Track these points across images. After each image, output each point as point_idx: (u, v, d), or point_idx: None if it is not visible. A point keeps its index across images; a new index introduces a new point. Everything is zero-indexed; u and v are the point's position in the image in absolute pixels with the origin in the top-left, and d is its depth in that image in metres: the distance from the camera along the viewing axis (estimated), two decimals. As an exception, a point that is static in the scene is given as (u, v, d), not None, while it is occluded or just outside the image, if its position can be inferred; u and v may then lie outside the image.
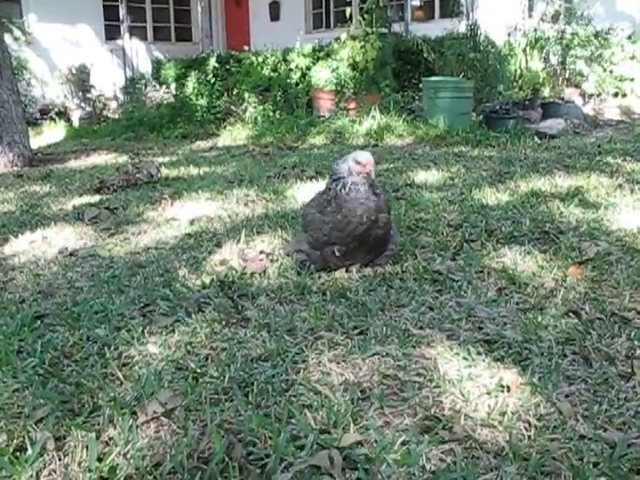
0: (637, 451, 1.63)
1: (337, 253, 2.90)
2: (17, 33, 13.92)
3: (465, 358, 2.14)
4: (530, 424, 1.77)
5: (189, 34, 18.26)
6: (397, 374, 2.06)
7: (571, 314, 2.46)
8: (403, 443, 1.70)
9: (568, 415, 1.80)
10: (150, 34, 17.24)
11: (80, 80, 13.92)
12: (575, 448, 1.65)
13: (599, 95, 10.52)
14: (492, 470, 1.60)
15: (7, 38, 9.69)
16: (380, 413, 1.86)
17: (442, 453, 1.67)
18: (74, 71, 13.94)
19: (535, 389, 1.93)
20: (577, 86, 10.73)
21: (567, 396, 1.91)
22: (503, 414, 1.81)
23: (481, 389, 1.95)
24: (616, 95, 10.56)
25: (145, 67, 15.57)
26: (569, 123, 8.52)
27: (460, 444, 1.70)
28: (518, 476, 1.57)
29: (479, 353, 2.16)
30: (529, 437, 1.72)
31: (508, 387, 1.94)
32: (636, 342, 2.21)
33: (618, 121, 9.53)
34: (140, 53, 16.14)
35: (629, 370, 2.03)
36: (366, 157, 2.86)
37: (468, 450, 1.68)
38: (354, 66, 10.28)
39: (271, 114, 10.52)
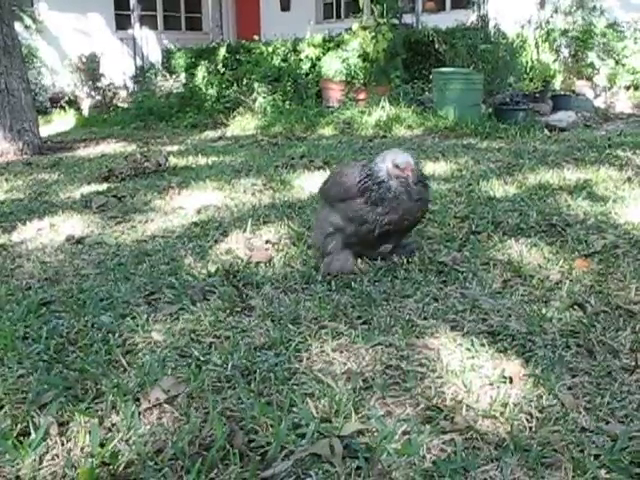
0: (639, 444, 1.62)
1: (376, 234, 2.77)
2: (28, 21, 13.94)
3: (468, 349, 2.13)
4: (532, 416, 1.77)
5: (199, 23, 18.26)
6: (400, 364, 2.06)
7: (576, 307, 2.45)
8: (404, 433, 1.70)
9: (570, 407, 1.80)
10: (160, 23, 17.25)
11: (90, 69, 13.91)
12: (576, 440, 1.65)
13: (611, 88, 10.45)
14: (492, 461, 1.60)
15: (17, 26, 9.70)
16: (382, 403, 1.86)
17: (443, 443, 1.67)
18: (84, 60, 13.92)
19: (538, 381, 1.93)
20: (588, 79, 10.66)
21: (570, 388, 1.90)
22: (505, 405, 1.80)
23: (483, 380, 1.95)
24: (628, 88, 10.48)
25: (155, 56, 15.57)
26: (580, 116, 8.47)
27: (461, 435, 1.70)
28: (518, 467, 1.57)
29: (482, 344, 2.16)
30: (530, 429, 1.72)
31: (511, 378, 1.94)
32: (640, 335, 2.20)
33: (630, 114, 9.46)
34: (150, 42, 16.12)
35: (633, 363, 2.02)
36: (405, 160, 2.69)
37: (469, 441, 1.68)
38: (364, 57, 10.23)
39: (280, 104, 10.49)
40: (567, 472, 1.55)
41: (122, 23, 16.02)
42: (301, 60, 11.35)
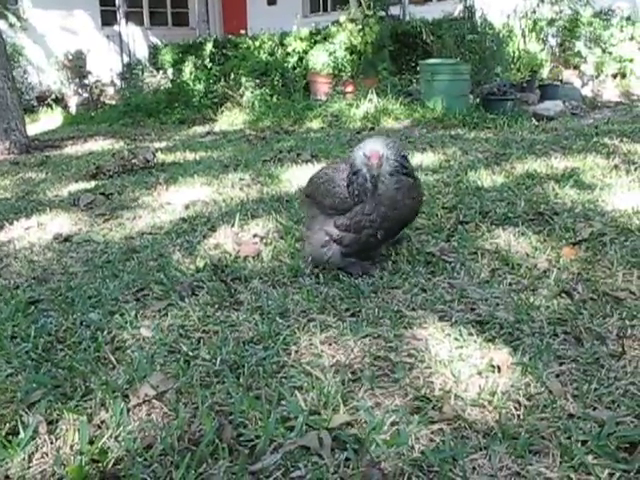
0: (625, 429, 1.63)
1: (379, 237, 2.70)
2: (12, 19, 13.83)
3: (456, 339, 2.14)
4: (520, 404, 1.78)
5: (186, 19, 18.19)
6: (388, 355, 2.07)
7: (564, 294, 2.46)
8: (393, 424, 1.71)
9: (558, 394, 1.81)
10: (146, 19, 17.18)
11: (77, 66, 13.85)
12: (564, 427, 1.66)
13: (598, 76, 10.47)
14: (481, 449, 1.60)
15: (1, 24, 9.65)
16: (370, 394, 1.86)
17: (432, 433, 1.67)
18: (70, 57, 13.86)
19: (526, 369, 1.93)
20: (576, 67, 10.68)
21: (557, 376, 1.91)
22: (493, 394, 1.81)
23: (472, 369, 1.96)
24: (615, 76, 10.51)
25: (142, 52, 15.51)
26: (567, 105, 8.48)
27: (450, 424, 1.70)
28: (507, 455, 1.57)
29: (471, 334, 2.16)
30: (518, 416, 1.72)
31: (499, 367, 1.95)
32: (627, 321, 2.21)
33: (617, 102, 9.49)
34: (137, 38, 16.07)
35: (620, 349, 2.03)
36: (371, 148, 2.60)
37: (457, 430, 1.68)
38: (352, 49, 10.22)
39: (268, 98, 10.48)
40: (555, 458, 1.56)
41: (108, 19, 15.96)
42: (288, 54, 11.34)
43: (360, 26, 10.11)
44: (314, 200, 2.85)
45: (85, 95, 13.73)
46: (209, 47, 12.60)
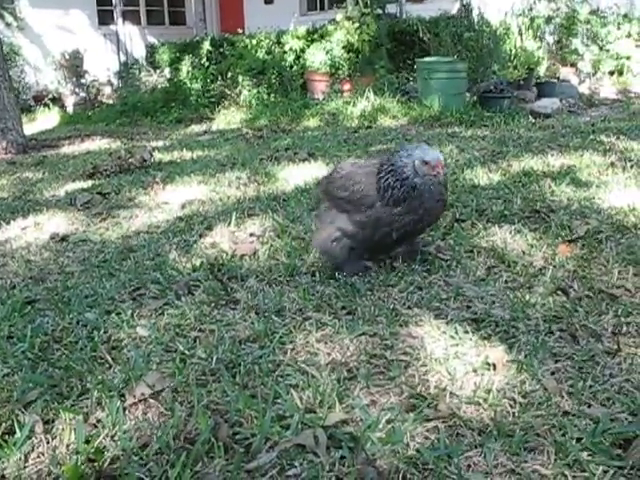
0: (620, 425, 1.64)
1: (394, 236, 2.63)
2: (9, 19, 13.83)
3: (452, 337, 2.14)
4: (515, 401, 1.78)
5: (183, 18, 18.15)
6: (384, 353, 2.07)
7: (559, 292, 2.46)
8: (388, 421, 1.71)
9: (553, 392, 1.81)
10: (143, 18, 17.13)
11: (74, 66, 13.83)
12: (559, 424, 1.66)
13: (595, 74, 10.49)
14: (476, 447, 1.61)
15: (-2, 24, 9.63)
16: (366, 392, 1.86)
17: (427, 431, 1.68)
18: (67, 57, 13.84)
19: (521, 366, 1.94)
20: (573, 65, 10.69)
21: (553, 373, 1.92)
22: (488, 392, 1.81)
23: (467, 367, 1.96)
24: (612, 73, 10.53)
25: (139, 52, 15.48)
26: (564, 102, 8.50)
27: (445, 422, 1.71)
28: (502, 452, 1.58)
29: (466, 332, 2.16)
30: (514, 414, 1.73)
31: (494, 365, 1.95)
32: (622, 319, 2.21)
33: (614, 100, 9.50)
34: (134, 38, 16.04)
35: (615, 346, 2.04)
36: (435, 157, 2.51)
37: (453, 428, 1.69)
38: (349, 48, 10.23)
39: (265, 97, 10.48)
40: (549, 456, 1.56)
41: (105, 19, 15.91)
42: (285, 52, 11.32)
43: (357, 24, 10.11)
44: (329, 194, 2.76)
45: (82, 95, 13.71)
46: (206, 46, 12.58)
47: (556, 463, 1.53)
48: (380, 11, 10.89)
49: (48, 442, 1.73)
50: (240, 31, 13.53)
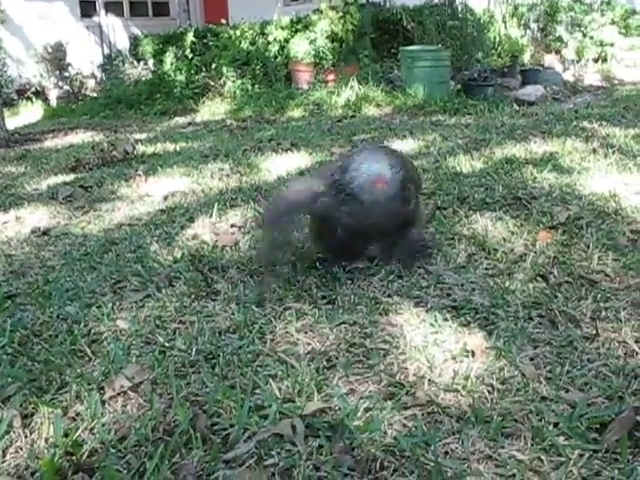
0: (596, 410, 1.64)
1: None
2: (-11, 12, 13.69)
3: (432, 324, 2.15)
4: (493, 387, 1.79)
5: (166, 9, 18.01)
6: (364, 342, 2.07)
7: (539, 278, 2.47)
8: (366, 410, 1.71)
9: (531, 377, 1.82)
10: (127, 10, 16.98)
11: (56, 58, 13.69)
12: (536, 409, 1.67)
13: (579, 61, 10.52)
14: (454, 434, 1.61)
15: (-22, 17, 9.53)
16: (345, 381, 1.86)
17: (405, 419, 1.68)
18: (50, 49, 13.70)
19: (500, 353, 1.94)
20: (557, 52, 10.73)
21: (531, 359, 1.92)
22: (467, 378, 1.82)
23: (446, 354, 1.96)
24: (596, 60, 10.57)
25: (122, 43, 15.35)
26: (548, 90, 8.51)
27: (423, 409, 1.71)
28: (479, 439, 1.58)
29: (446, 319, 2.17)
30: (492, 400, 1.73)
31: (473, 352, 1.95)
32: (601, 304, 2.22)
33: (598, 87, 9.53)
34: (117, 29, 15.91)
35: (593, 332, 2.05)
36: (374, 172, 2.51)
37: (430, 415, 1.69)
38: (333, 37, 10.19)
39: (250, 88, 10.44)
40: (526, 440, 1.56)
41: (87, 10, 15.75)
42: (269, 43, 11.26)
43: (341, 14, 10.07)
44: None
45: (66, 88, 13.58)
46: (190, 37, 12.48)
47: (532, 448, 1.54)
48: (364, 0, 10.86)
49: (26, 436, 1.72)
50: (224, 22, 13.44)
